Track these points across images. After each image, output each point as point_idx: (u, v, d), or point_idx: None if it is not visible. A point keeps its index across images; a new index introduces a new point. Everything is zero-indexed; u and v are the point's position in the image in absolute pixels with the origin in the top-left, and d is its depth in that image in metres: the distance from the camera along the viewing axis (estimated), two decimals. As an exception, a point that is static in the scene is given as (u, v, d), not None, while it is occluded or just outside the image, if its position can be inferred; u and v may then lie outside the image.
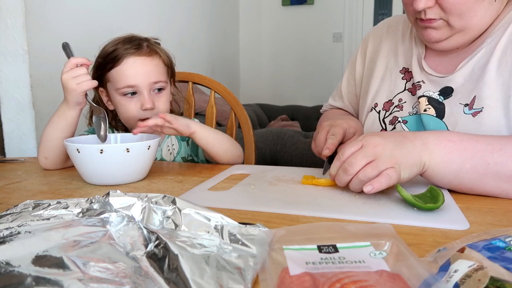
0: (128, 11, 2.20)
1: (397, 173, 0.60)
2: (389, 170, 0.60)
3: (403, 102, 0.87)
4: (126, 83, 0.94)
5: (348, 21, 3.86)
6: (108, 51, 0.96)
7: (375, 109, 0.91)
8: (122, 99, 0.96)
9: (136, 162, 0.77)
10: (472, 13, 0.72)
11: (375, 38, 0.99)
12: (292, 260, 0.38)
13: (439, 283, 0.33)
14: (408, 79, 0.87)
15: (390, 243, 0.41)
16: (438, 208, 0.55)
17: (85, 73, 0.85)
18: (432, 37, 0.77)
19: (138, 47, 0.96)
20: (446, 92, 0.79)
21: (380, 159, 0.61)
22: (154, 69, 0.97)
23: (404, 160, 0.62)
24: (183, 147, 1.08)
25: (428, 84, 0.82)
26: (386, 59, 0.93)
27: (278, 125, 3.05)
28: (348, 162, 0.62)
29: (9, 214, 0.53)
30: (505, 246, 0.36)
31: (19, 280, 0.35)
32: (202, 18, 3.26)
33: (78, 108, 0.89)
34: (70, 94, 0.85)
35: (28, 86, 1.54)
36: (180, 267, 0.37)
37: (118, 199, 0.52)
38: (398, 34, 0.94)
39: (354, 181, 0.62)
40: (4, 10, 1.48)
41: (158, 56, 0.99)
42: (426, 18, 0.75)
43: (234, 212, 0.58)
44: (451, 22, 0.74)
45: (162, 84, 0.98)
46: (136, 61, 0.94)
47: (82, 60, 0.86)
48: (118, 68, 0.94)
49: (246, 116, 1.24)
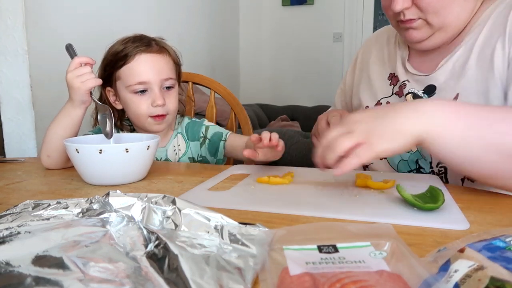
0: (128, 11, 2.20)
1: (368, 149, 0.55)
2: (359, 149, 0.56)
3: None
4: (137, 79, 0.95)
5: (348, 21, 3.86)
6: (118, 49, 0.97)
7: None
8: (133, 97, 0.97)
9: (136, 162, 0.77)
10: (447, 10, 0.75)
11: (365, 49, 1.04)
12: (292, 260, 0.38)
13: (439, 283, 0.33)
14: (395, 83, 0.91)
15: (390, 243, 0.41)
16: (438, 208, 0.55)
17: (89, 71, 0.86)
18: (414, 37, 0.80)
19: (148, 44, 0.97)
20: (430, 90, 0.82)
21: (354, 132, 0.57)
22: (165, 66, 0.98)
23: (381, 131, 0.56)
24: (194, 147, 1.07)
25: (412, 83, 0.86)
26: (374, 65, 0.97)
27: (278, 125, 3.05)
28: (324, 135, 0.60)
29: (9, 214, 0.53)
30: (505, 246, 0.36)
31: (19, 280, 0.35)
32: (202, 18, 3.25)
33: (83, 106, 0.89)
34: (75, 93, 0.86)
35: (28, 86, 1.53)
36: (180, 267, 0.37)
37: (118, 199, 0.52)
38: (383, 41, 0.98)
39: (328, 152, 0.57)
40: (4, 10, 1.48)
41: (168, 54, 1.00)
42: (405, 19, 0.78)
43: (234, 212, 0.58)
44: (429, 21, 0.76)
45: (172, 82, 0.99)
46: (147, 58, 0.96)
47: (86, 59, 0.87)
48: (129, 65, 0.95)
49: (246, 116, 1.24)
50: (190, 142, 1.08)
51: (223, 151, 1.06)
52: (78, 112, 0.89)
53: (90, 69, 0.87)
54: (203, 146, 1.08)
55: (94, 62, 0.89)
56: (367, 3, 3.84)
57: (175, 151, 1.06)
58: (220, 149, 1.05)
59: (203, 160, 1.09)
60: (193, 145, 1.08)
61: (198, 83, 1.29)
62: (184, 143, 1.08)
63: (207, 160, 1.09)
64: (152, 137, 0.82)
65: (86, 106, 0.90)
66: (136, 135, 0.90)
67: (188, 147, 1.07)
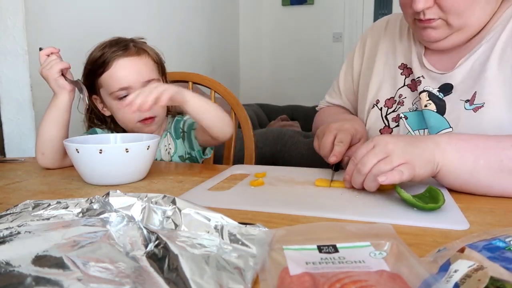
0: (128, 11, 2.20)
1: (410, 169, 0.60)
2: (402, 166, 0.60)
3: (404, 97, 0.87)
4: (119, 85, 0.94)
5: (348, 21, 3.86)
6: (96, 56, 0.95)
7: (376, 105, 0.91)
8: (118, 103, 0.95)
9: (136, 162, 0.77)
10: (470, 11, 0.73)
11: (374, 35, 0.99)
12: (292, 260, 0.38)
13: (439, 283, 0.33)
14: (407, 75, 0.88)
15: (390, 243, 0.41)
16: (438, 208, 0.55)
17: (54, 59, 0.88)
18: (432, 37, 0.78)
19: (125, 48, 0.95)
20: (446, 89, 0.80)
21: (392, 155, 0.61)
22: (145, 67, 0.96)
23: (417, 157, 0.62)
24: (180, 145, 1.07)
25: (428, 80, 0.83)
26: (384, 56, 0.94)
27: (278, 125, 3.05)
28: (361, 162, 0.63)
29: (9, 214, 0.53)
30: (505, 246, 0.36)
31: (19, 280, 0.35)
32: (202, 18, 3.25)
33: (64, 92, 0.90)
34: (49, 82, 0.88)
35: (28, 86, 1.53)
36: (180, 267, 0.37)
37: (118, 199, 0.52)
38: (395, 33, 0.94)
39: (369, 177, 0.62)
40: (4, 10, 1.48)
41: (146, 54, 0.98)
42: (425, 19, 0.75)
43: (234, 212, 0.57)
44: (450, 21, 0.75)
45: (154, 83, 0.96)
46: (126, 62, 0.94)
47: (49, 49, 0.90)
48: (109, 72, 0.94)
49: (246, 116, 1.24)
50: (176, 141, 1.07)
51: (196, 142, 1.02)
52: (61, 99, 0.90)
53: (54, 56, 0.89)
54: (184, 141, 1.05)
55: (57, 50, 0.91)
56: (367, 3, 3.84)
57: (167, 150, 1.06)
58: (193, 139, 1.03)
59: (190, 156, 1.07)
60: (179, 143, 1.06)
61: (198, 83, 1.29)
62: (172, 142, 1.06)
63: (194, 156, 1.06)
64: (152, 137, 0.82)
65: (67, 91, 0.90)
66: (136, 135, 0.90)
67: (177, 145, 1.06)
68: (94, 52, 0.97)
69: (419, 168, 0.61)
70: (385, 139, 0.64)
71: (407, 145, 0.63)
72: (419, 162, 0.61)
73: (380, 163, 0.61)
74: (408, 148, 0.62)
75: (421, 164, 0.62)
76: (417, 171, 0.61)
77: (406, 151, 0.62)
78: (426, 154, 0.62)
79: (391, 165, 0.60)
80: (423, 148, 0.63)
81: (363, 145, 0.65)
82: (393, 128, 0.87)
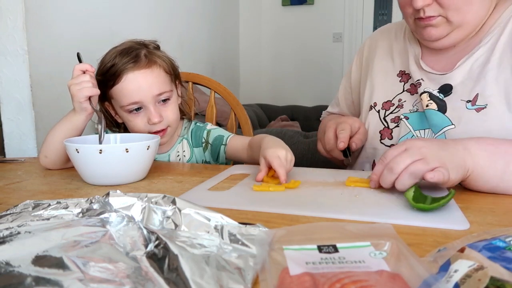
0: (128, 12, 2.19)
1: (446, 172, 0.59)
2: (441, 168, 0.59)
3: (403, 101, 0.88)
4: (129, 100, 0.92)
5: (348, 21, 3.86)
6: (107, 67, 0.93)
7: (374, 108, 0.92)
8: (129, 116, 0.95)
9: (136, 162, 0.77)
10: (468, 7, 0.75)
11: (371, 43, 1.02)
12: (292, 260, 0.38)
13: (439, 283, 0.33)
14: (406, 81, 0.89)
15: (390, 243, 0.41)
16: (438, 208, 0.55)
17: (87, 80, 0.86)
18: (433, 35, 0.79)
19: (136, 59, 0.93)
20: (445, 90, 0.81)
21: (428, 158, 0.60)
22: (156, 81, 0.94)
23: (450, 161, 0.61)
24: (198, 154, 1.06)
25: (427, 82, 0.84)
26: (382, 60, 0.95)
27: (278, 125, 3.05)
28: (394, 161, 0.62)
29: (9, 214, 0.53)
30: (505, 246, 0.36)
31: (19, 280, 0.35)
32: (202, 18, 3.25)
33: (84, 114, 0.88)
34: (73, 100, 0.86)
35: (28, 86, 1.53)
36: (180, 267, 0.37)
37: (118, 199, 0.52)
38: (391, 36, 0.96)
39: (403, 176, 0.60)
40: (4, 10, 1.48)
41: (157, 66, 0.95)
42: (425, 16, 0.76)
43: (234, 212, 0.57)
44: (449, 18, 0.75)
45: (167, 94, 0.96)
46: (136, 76, 0.92)
47: (86, 66, 0.87)
48: (119, 86, 0.92)
49: (246, 116, 1.24)
50: (194, 149, 1.06)
51: (224, 156, 1.04)
52: (78, 118, 0.88)
53: (88, 77, 0.86)
54: (206, 151, 1.06)
55: (93, 69, 0.89)
56: (367, 3, 3.84)
57: (179, 157, 1.05)
58: (221, 154, 1.03)
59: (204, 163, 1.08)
60: (197, 151, 1.06)
61: (198, 83, 1.29)
62: (189, 149, 1.06)
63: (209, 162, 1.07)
64: (152, 137, 0.82)
65: (87, 113, 0.88)
66: (136, 135, 0.90)
67: (193, 153, 1.06)
68: (105, 61, 0.95)
69: (452, 173, 0.61)
70: (418, 143, 0.63)
71: (439, 149, 0.62)
72: (452, 166, 0.61)
73: (417, 163, 0.60)
74: (441, 152, 0.62)
75: (454, 168, 0.61)
76: (451, 175, 0.60)
77: (440, 154, 0.61)
78: (457, 159, 0.62)
79: (428, 166, 0.59)
80: (453, 153, 0.63)
81: (392, 148, 0.65)
82: (392, 129, 0.87)
